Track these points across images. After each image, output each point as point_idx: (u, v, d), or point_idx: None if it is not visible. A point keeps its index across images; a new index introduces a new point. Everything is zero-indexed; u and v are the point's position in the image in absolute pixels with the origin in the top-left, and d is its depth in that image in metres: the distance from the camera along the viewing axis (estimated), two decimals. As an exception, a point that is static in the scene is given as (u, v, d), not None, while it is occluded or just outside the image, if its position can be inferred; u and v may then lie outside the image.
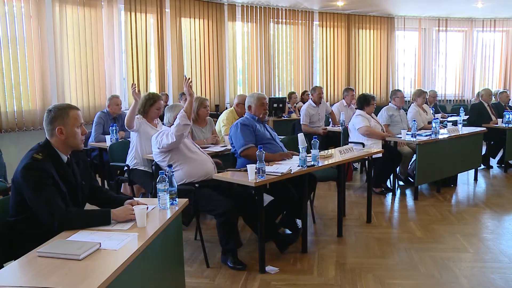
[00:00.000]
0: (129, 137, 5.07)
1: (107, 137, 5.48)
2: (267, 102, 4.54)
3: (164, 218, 2.60)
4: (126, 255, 2.07)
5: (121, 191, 5.20)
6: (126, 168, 4.83)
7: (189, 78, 4.04)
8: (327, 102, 8.00)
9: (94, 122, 5.90)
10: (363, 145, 5.70)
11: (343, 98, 8.04)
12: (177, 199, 2.86)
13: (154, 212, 2.70)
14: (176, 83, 9.13)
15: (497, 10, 11.51)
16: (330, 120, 7.81)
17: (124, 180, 5.00)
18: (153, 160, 4.17)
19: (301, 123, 7.44)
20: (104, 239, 2.24)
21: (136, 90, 4.82)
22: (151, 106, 4.86)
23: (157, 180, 2.73)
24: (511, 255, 4.02)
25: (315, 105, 7.50)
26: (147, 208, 2.57)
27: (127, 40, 8.40)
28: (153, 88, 8.83)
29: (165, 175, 2.76)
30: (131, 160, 4.83)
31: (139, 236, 2.31)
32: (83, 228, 2.42)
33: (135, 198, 2.93)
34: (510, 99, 8.64)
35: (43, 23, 7.08)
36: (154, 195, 3.75)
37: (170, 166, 3.05)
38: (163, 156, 3.98)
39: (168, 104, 7.81)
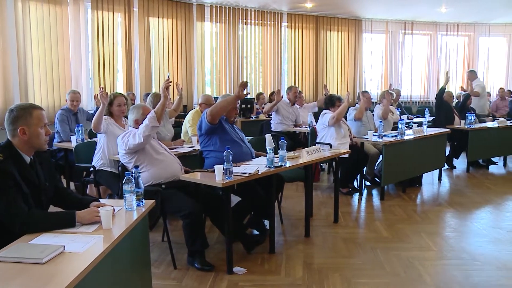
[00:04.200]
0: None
1: (73, 138, 5.39)
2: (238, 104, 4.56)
3: (130, 220, 2.56)
4: (91, 258, 2.03)
5: (87, 192, 5.12)
6: (92, 169, 4.76)
7: (169, 80, 4.09)
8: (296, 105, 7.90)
9: (57, 120, 5.80)
10: (331, 145, 5.76)
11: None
12: (143, 200, 2.83)
13: (120, 214, 2.66)
14: (143, 83, 9.03)
15: (460, 15, 11.86)
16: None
17: (90, 182, 4.93)
18: (120, 161, 4.12)
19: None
20: (68, 242, 2.20)
21: (104, 94, 4.76)
22: (111, 105, 4.85)
23: (124, 181, 2.69)
24: (471, 251, 4.15)
25: (288, 102, 7.64)
26: (113, 209, 2.54)
27: (94, 39, 8.25)
28: (120, 88, 8.69)
29: (132, 176, 2.72)
30: (98, 161, 4.76)
31: (105, 238, 2.28)
32: (46, 231, 2.37)
33: (101, 200, 2.89)
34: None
35: (4, 19, 6.87)
36: (121, 196, 3.69)
37: (136, 167, 3.02)
38: (130, 158, 3.93)
39: (134, 103, 7.72)
